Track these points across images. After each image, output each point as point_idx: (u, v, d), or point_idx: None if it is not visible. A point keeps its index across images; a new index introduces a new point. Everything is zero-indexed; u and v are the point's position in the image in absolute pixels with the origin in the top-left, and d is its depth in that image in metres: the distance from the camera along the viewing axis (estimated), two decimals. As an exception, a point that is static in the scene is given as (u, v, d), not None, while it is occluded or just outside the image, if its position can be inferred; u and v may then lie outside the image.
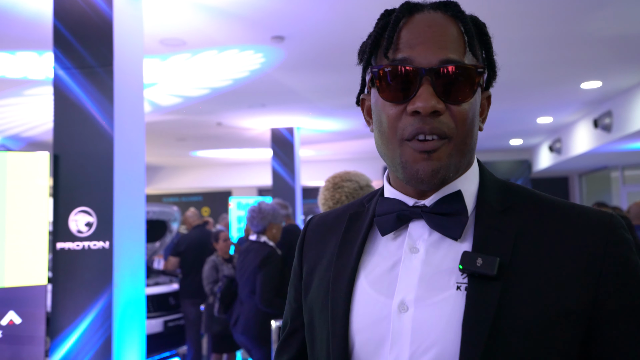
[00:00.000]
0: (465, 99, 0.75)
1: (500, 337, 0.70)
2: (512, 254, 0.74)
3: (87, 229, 3.15)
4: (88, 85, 3.21)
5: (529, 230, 0.76)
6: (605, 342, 0.73)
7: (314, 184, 13.56)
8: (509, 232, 0.76)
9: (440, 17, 0.78)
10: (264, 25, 4.30)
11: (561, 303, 0.72)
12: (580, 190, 12.74)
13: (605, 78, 6.18)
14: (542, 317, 0.71)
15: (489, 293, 0.72)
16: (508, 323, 0.71)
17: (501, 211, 0.78)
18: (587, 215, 0.77)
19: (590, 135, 8.12)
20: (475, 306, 0.71)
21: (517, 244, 0.75)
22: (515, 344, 0.70)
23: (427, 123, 0.74)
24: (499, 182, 0.84)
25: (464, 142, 0.77)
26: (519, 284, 0.73)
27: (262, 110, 7.42)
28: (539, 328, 0.71)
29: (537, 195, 0.82)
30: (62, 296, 3.13)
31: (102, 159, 3.16)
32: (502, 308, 0.71)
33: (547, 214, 0.78)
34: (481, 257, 0.73)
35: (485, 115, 0.85)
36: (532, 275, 0.73)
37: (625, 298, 0.73)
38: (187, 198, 15.53)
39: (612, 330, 0.73)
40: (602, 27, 4.52)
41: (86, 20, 3.23)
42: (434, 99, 0.73)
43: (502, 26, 4.48)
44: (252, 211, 3.81)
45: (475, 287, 0.72)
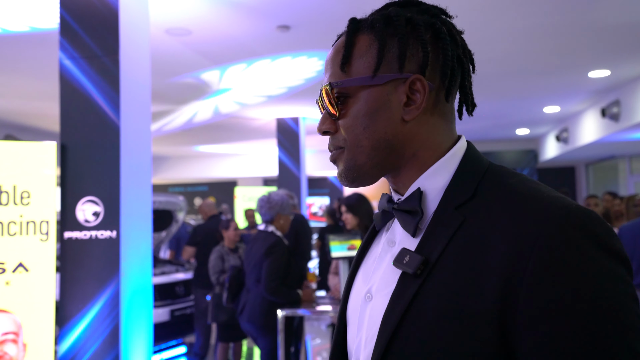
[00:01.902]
0: (341, 112, 0.81)
1: (403, 334, 0.72)
2: (443, 249, 0.73)
3: (94, 218, 3.16)
4: (94, 75, 3.21)
5: (472, 224, 0.73)
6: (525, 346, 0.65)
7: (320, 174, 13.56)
8: (452, 226, 0.74)
9: (340, 40, 0.84)
10: (270, 14, 4.28)
11: (476, 301, 0.67)
12: (587, 180, 12.68)
13: (613, 67, 6.13)
14: (451, 315, 0.68)
15: (407, 289, 0.74)
16: (414, 319, 0.71)
17: (458, 205, 0.76)
18: (538, 209, 0.69)
19: (597, 124, 8.07)
20: (393, 301, 0.75)
21: (452, 239, 0.73)
22: (418, 341, 0.70)
23: (329, 141, 0.85)
24: (478, 170, 0.79)
25: (358, 145, 0.80)
26: (437, 281, 0.72)
27: (268, 100, 7.40)
28: (446, 326, 0.69)
29: (507, 185, 0.75)
30: (70, 285, 3.16)
31: (108, 148, 3.17)
32: (414, 304, 0.72)
33: (502, 206, 0.72)
34: (409, 254, 0.75)
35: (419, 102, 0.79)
36: (454, 271, 0.71)
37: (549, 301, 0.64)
38: (192, 188, 15.57)
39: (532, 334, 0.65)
40: (610, 15, 4.48)
41: (92, 9, 3.23)
42: (321, 122, 0.83)
43: (508, 14, 4.45)
44: (262, 201, 3.91)
45: (400, 283, 0.75)
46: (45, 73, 5.63)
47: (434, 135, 0.81)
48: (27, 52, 5.08)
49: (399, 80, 0.79)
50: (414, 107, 0.79)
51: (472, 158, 0.82)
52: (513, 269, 0.66)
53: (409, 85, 0.79)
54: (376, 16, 0.82)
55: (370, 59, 0.79)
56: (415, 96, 0.79)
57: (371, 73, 0.79)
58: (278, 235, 3.84)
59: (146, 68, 3.52)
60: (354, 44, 0.81)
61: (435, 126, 0.81)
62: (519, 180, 0.76)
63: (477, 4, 4.21)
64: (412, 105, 0.79)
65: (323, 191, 13.93)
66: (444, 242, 0.74)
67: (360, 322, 0.82)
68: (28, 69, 5.67)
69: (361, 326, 0.82)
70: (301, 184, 8.54)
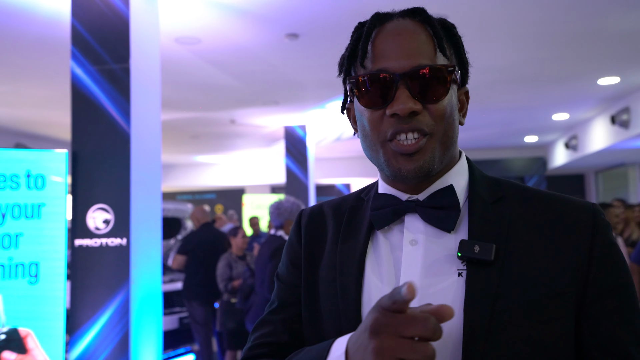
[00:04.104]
0: (440, 97, 0.81)
1: (500, 318, 0.76)
2: (505, 240, 0.80)
3: (104, 226, 3.18)
4: (105, 83, 3.24)
5: (519, 218, 0.83)
6: (597, 318, 0.79)
7: (327, 181, 13.56)
8: (500, 221, 0.82)
9: (409, 23, 0.84)
10: (279, 22, 4.30)
11: (554, 284, 0.78)
12: (596, 187, 12.60)
13: (622, 74, 6.10)
14: (537, 298, 0.77)
15: (488, 277, 0.78)
16: (506, 305, 0.76)
17: (492, 202, 0.84)
18: (572, 203, 0.84)
19: (607, 131, 8.02)
20: (475, 290, 0.77)
21: (509, 232, 0.81)
22: (515, 324, 0.76)
23: (405, 123, 0.80)
24: (488, 177, 0.90)
25: (446, 135, 0.82)
26: (514, 269, 0.78)
27: (276, 107, 7.43)
28: (534, 308, 0.77)
29: (523, 187, 0.88)
30: (80, 292, 3.17)
31: (119, 156, 3.19)
32: (500, 291, 0.77)
33: (535, 203, 0.85)
34: (478, 244, 0.79)
35: (465, 111, 0.90)
36: (526, 259, 0.79)
37: (612, 277, 0.80)
38: (200, 196, 15.62)
39: (602, 307, 0.79)
40: (619, 22, 4.46)
41: (103, 19, 3.26)
42: (411, 101, 0.79)
43: (518, 21, 4.44)
44: (272, 207, 4.02)
45: (474, 273, 0.78)
46: (56, 81, 5.68)
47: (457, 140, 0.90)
48: (38, 60, 5.13)
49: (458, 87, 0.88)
50: (464, 113, 0.90)
51: (474, 165, 0.92)
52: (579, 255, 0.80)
53: (462, 94, 0.89)
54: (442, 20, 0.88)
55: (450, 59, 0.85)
56: (464, 105, 0.90)
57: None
58: (284, 239, 3.90)
59: (156, 76, 3.54)
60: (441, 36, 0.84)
61: None
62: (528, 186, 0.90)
63: (487, 13, 4.21)
64: (462, 111, 0.89)
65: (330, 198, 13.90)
66: (502, 233, 0.81)
67: None
68: (39, 77, 5.73)
69: None
70: (309, 192, 8.54)
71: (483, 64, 5.45)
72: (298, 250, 0.97)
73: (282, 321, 0.92)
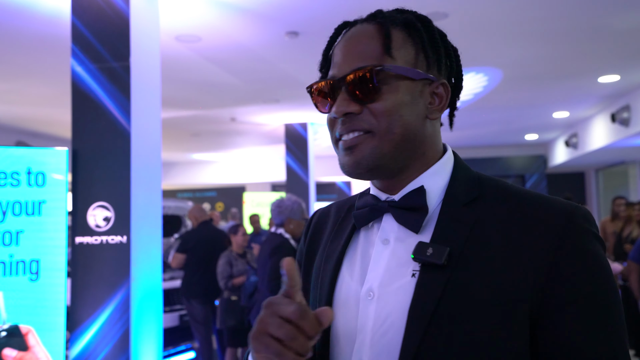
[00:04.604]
0: (375, 97, 0.81)
1: (440, 322, 0.74)
2: (465, 243, 0.78)
3: (105, 223, 3.18)
4: (105, 81, 3.24)
5: (489, 219, 0.79)
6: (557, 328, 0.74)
7: (328, 179, 13.56)
8: (467, 222, 0.79)
9: (364, 27, 0.85)
10: (279, 20, 4.31)
11: (510, 291, 0.74)
12: (596, 185, 12.59)
13: (623, 72, 6.10)
14: (487, 303, 0.74)
15: (435, 281, 0.76)
16: (450, 310, 0.74)
17: (466, 203, 0.82)
18: (549, 206, 0.79)
19: (607, 129, 8.02)
20: (421, 293, 0.76)
21: (472, 234, 0.78)
22: (457, 328, 0.74)
23: (344, 124, 0.83)
24: (472, 176, 0.87)
25: (390, 132, 0.81)
26: (467, 272, 0.76)
27: (276, 105, 7.43)
28: (482, 313, 0.74)
29: (505, 186, 0.84)
30: (80, 290, 3.18)
31: (119, 154, 3.20)
32: (447, 295, 0.75)
33: (512, 205, 0.81)
34: (432, 247, 0.78)
35: (443, 104, 0.86)
36: (483, 263, 0.76)
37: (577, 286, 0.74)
38: (201, 193, 15.63)
39: (563, 317, 0.74)
40: (619, 20, 4.46)
41: (103, 17, 3.27)
42: (345, 104, 0.82)
43: (518, 19, 4.44)
44: (274, 205, 4.03)
45: (424, 275, 0.77)
46: (56, 79, 5.69)
47: (438, 138, 0.88)
48: (39, 58, 5.14)
49: (427, 80, 0.85)
50: (437, 108, 0.86)
51: (462, 164, 0.89)
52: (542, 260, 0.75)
53: (434, 88, 0.85)
54: (407, 16, 0.87)
55: (407, 53, 0.84)
56: (436, 99, 0.86)
57: (409, 67, 0.83)
58: (285, 237, 3.91)
59: (156, 74, 3.55)
60: (390, 34, 0.84)
61: (438, 130, 0.89)
62: (512, 185, 0.85)
63: (487, 11, 4.21)
64: (434, 106, 0.86)
65: (331, 196, 13.93)
66: (464, 235, 0.78)
67: (362, 320, 0.81)
68: (39, 75, 5.74)
69: (363, 325, 0.81)
70: (309, 189, 8.55)
71: (483, 62, 5.45)
72: (302, 250, 1.01)
73: None
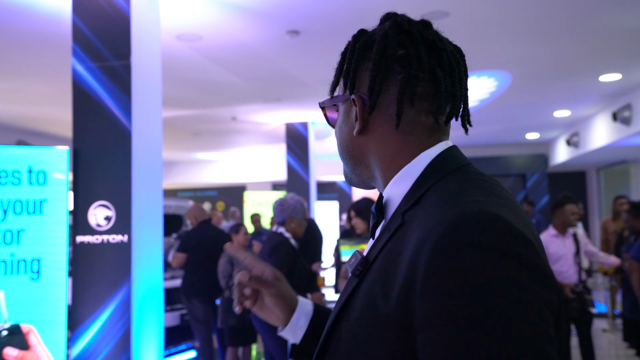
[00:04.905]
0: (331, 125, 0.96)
1: (336, 330, 0.78)
2: (379, 252, 0.77)
3: (106, 222, 3.18)
4: (106, 80, 3.24)
5: (405, 228, 0.74)
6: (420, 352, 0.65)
7: (329, 178, 13.56)
8: (391, 229, 0.77)
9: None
10: (279, 19, 4.30)
11: (384, 304, 0.70)
12: (598, 184, 12.58)
13: (624, 70, 6.09)
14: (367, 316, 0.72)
15: (347, 288, 0.80)
16: (344, 320, 0.77)
17: (404, 211, 0.77)
18: (442, 214, 0.68)
19: (608, 128, 8.01)
20: (337, 302, 0.82)
21: (388, 242, 0.76)
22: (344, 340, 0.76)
23: None
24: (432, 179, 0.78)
25: (341, 154, 0.92)
26: (366, 282, 0.76)
27: (277, 105, 7.43)
28: (362, 325, 0.73)
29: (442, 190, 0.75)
30: (82, 289, 3.18)
31: (120, 153, 3.20)
32: (349, 302, 0.78)
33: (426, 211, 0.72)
34: (355, 256, 0.81)
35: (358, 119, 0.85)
36: (377, 274, 0.74)
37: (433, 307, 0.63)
38: (202, 193, 15.63)
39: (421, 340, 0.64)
40: (621, 18, 4.45)
41: (104, 15, 3.26)
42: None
43: (518, 18, 4.44)
44: (276, 203, 4.04)
45: (347, 283, 0.81)
46: (57, 79, 5.69)
47: (385, 146, 0.83)
48: (39, 57, 5.14)
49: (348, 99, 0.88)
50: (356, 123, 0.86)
51: (437, 163, 0.80)
52: (410, 274, 0.67)
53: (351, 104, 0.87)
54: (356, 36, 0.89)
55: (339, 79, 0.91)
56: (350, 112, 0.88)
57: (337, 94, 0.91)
58: (285, 236, 3.90)
59: (157, 73, 3.55)
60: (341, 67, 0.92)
61: (389, 139, 0.82)
62: (460, 185, 0.74)
63: (488, 10, 4.21)
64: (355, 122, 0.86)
65: (332, 196, 13.92)
66: (382, 244, 0.77)
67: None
68: (40, 74, 5.74)
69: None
70: (310, 189, 8.55)
71: (484, 61, 5.44)
72: None
73: None
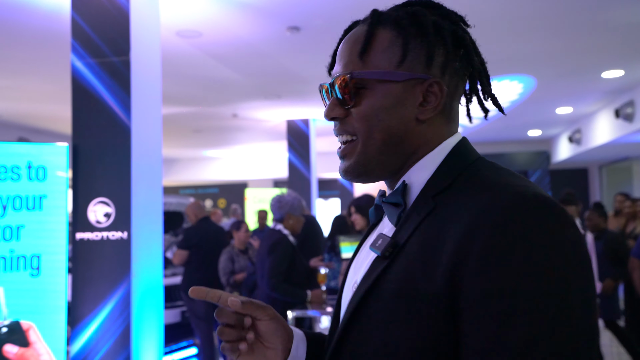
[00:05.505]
0: (356, 101, 0.83)
1: (365, 312, 0.76)
2: (410, 235, 0.77)
3: (105, 219, 3.18)
4: (106, 77, 3.23)
5: (440, 211, 0.75)
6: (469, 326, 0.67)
7: (330, 175, 13.55)
8: (422, 213, 0.77)
9: (357, 30, 0.86)
10: (280, 15, 4.28)
11: (427, 284, 0.71)
12: (600, 182, 12.55)
13: (627, 67, 6.05)
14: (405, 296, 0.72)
15: (375, 270, 0.78)
16: (376, 300, 0.75)
17: (432, 195, 0.79)
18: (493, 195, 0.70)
19: (611, 125, 7.98)
20: (362, 282, 0.80)
21: (420, 225, 0.77)
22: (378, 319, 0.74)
23: (335, 126, 0.87)
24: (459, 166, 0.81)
25: (370, 137, 0.82)
26: (400, 263, 0.76)
27: (278, 101, 7.41)
28: (399, 306, 0.72)
29: (480, 176, 0.77)
30: (81, 286, 3.18)
31: (119, 150, 3.19)
32: (378, 284, 0.76)
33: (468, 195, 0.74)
34: (382, 238, 0.80)
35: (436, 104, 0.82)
36: (414, 254, 0.74)
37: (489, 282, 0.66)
38: (203, 190, 15.63)
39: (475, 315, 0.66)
40: (623, 14, 4.43)
41: (103, 11, 3.25)
42: (331, 108, 0.85)
43: (520, 14, 4.41)
44: (274, 200, 4.03)
45: (371, 265, 0.80)
46: (57, 76, 5.68)
47: (437, 135, 0.84)
48: (39, 54, 5.13)
49: (417, 80, 0.81)
50: (430, 108, 0.82)
51: (458, 152, 0.83)
52: (460, 252, 0.68)
53: (426, 87, 0.82)
54: (401, 13, 0.84)
55: (392, 54, 0.82)
56: (430, 98, 0.82)
57: (392, 68, 0.81)
58: (283, 233, 3.90)
59: (157, 70, 3.53)
60: (375, 36, 0.83)
61: (440, 127, 0.84)
62: (495, 172, 0.78)
63: (489, 6, 4.18)
64: (427, 106, 0.82)
65: (333, 193, 13.91)
66: (413, 227, 0.77)
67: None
68: (40, 71, 5.73)
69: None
70: (311, 186, 8.54)
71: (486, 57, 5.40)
72: None
73: None
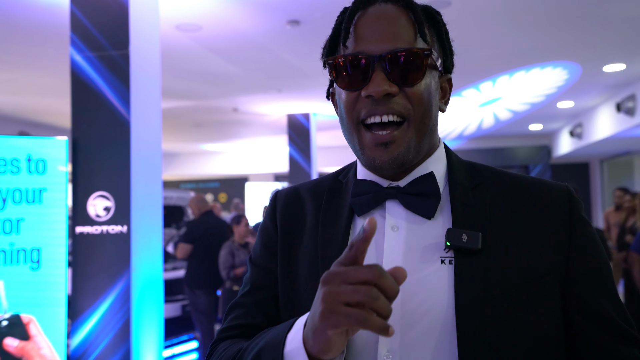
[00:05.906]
0: (417, 81, 0.81)
1: (489, 304, 0.78)
2: (489, 227, 0.82)
3: (105, 213, 3.18)
4: (105, 70, 3.22)
5: (498, 203, 0.85)
6: (584, 294, 0.83)
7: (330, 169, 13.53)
8: (482, 207, 0.84)
9: (390, 8, 0.84)
10: (280, 9, 4.27)
11: (535, 268, 0.81)
12: (601, 176, 12.53)
13: (628, 61, 6.03)
14: (520, 282, 0.80)
15: (476, 265, 0.80)
16: (494, 291, 0.79)
17: (471, 188, 0.86)
18: (546, 186, 0.88)
19: (612, 119, 7.96)
20: (465, 278, 0.79)
21: (491, 218, 0.83)
22: (503, 309, 0.79)
23: (380, 104, 0.80)
24: (465, 163, 0.92)
25: (422, 122, 0.82)
26: (498, 255, 0.81)
27: (278, 95, 7.40)
28: (519, 292, 0.79)
29: (499, 172, 0.91)
30: (81, 279, 3.18)
31: (119, 144, 3.18)
32: (488, 278, 0.79)
33: (512, 188, 0.87)
34: (466, 233, 0.81)
35: (447, 98, 0.91)
36: (507, 245, 0.82)
37: (592, 255, 0.84)
38: (204, 184, 15.64)
39: (587, 284, 0.83)
40: (625, 8, 4.40)
41: (102, 5, 3.24)
42: (386, 84, 0.80)
43: (522, 7, 4.39)
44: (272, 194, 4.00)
45: (463, 261, 0.80)
46: (57, 70, 5.67)
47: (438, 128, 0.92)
48: (38, 48, 5.11)
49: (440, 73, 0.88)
50: (446, 100, 0.90)
51: (451, 151, 0.93)
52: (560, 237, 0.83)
53: (446, 81, 0.89)
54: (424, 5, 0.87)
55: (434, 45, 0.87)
56: (447, 92, 0.90)
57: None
58: None
59: (156, 63, 3.52)
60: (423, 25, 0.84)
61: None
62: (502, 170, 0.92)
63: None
64: (444, 98, 0.90)
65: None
66: (485, 219, 0.83)
67: None
68: (40, 65, 5.72)
69: None
70: (312, 180, 8.53)
71: (487, 50, 5.40)
72: (273, 235, 0.96)
73: (255, 303, 0.92)
